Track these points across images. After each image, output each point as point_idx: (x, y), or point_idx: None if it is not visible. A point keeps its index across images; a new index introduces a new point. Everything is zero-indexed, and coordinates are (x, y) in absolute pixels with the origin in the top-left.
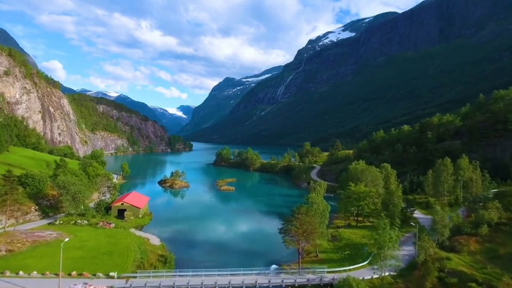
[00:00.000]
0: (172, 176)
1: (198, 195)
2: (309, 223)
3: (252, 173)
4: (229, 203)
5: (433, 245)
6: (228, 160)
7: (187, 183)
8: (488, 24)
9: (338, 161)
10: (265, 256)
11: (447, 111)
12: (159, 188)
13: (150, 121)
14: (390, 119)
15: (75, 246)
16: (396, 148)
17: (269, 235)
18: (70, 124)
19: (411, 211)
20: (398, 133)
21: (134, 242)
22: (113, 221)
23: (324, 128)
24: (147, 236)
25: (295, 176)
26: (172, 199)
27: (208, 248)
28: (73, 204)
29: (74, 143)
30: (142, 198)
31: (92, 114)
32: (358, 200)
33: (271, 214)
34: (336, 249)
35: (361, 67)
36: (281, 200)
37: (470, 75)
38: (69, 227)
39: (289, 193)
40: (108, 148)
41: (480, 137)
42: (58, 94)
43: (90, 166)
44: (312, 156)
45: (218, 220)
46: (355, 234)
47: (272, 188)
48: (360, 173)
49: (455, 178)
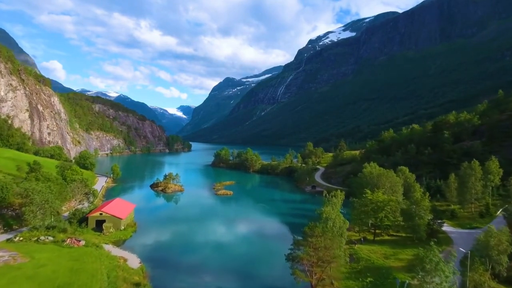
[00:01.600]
0: (165, 179)
1: (192, 200)
2: (326, 248)
3: (252, 175)
4: (226, 211)
5: (488, 276)
6: (227, 161)
7: (181, 187)
8: (490, 23)
9: (344, 163)
10: (266, 281)
11: (450, 110)
12: (151, 192)
13: (148, 121)
14: (392, 119)
15: (25, 275)
16: (409, 149)
17: (272, 253)
18: (61, 124)
19: (440, 224)
20: (410, 133)
21: (104, 267)
22: (86, 237)
23: (325, 128)
24: (125, 255)
25: (298, 179)
26: (162, 205)
27: (198, 269)
28: (39, 216)
29: (65, 143)
30: (126, 206)
31: (87, 113)
32: (376, 211)
33: (274, 226)
34: (354, 273)
35: (361, 67)
36: (284, 207)
37: (473, 74)
38: (28, 246)
39: (292, 198)
40: (103, 149)
41: (502, 137)
42: (48, 92)
43: (69, 169)
44: (315, 157)
45: (211, 233)
46: (374, 253)
47: (274, 192)
48: (377, 178)
49: (484, 184)
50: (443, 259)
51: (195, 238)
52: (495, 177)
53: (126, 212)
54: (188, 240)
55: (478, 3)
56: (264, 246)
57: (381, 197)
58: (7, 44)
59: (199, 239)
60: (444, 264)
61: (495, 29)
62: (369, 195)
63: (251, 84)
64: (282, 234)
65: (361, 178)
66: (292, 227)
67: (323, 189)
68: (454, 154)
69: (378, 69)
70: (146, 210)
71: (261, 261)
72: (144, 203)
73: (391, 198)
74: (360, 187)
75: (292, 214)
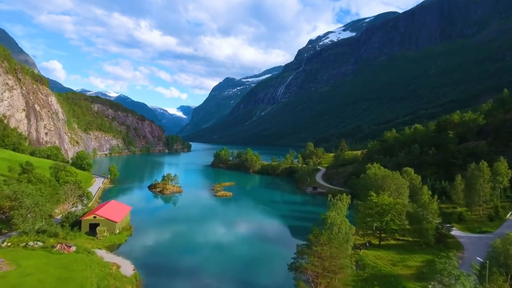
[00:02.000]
0: (163, 180)
1: (191, 202)
2: (332, 258)
3: (252, 176)
4: (225, 212)
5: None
6: (227, 162)
7: (179, 188)
8: (490, 23)
9: (345, 163)
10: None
11: (451, 110)
12: (149, 193)
13: (147, 121)
14: (392, 119)
15: (10, 284)
16: (412, 149)
17: (272, 257)
18: (59, 124)
19: (448, 228)
20: (413, 133)
21: (94, 276)
22: (78, 241)
23: (325, 128)
24: (118, 261)
25: (299, 179)
26: (160, 207)
27: (195, 276)
28: (29, 220)
29: (62, 144)
30: (121, 208)
31: (86, 113)
32: (382, 214)
33: (275, 228)
34: (360, 281)
35: (362, 67)
36: (285, 208)
37: (473, 74)
38: (16, 252)
39: (293, 200)
40: (102, 149)
41: (507, 137)
42: (45, 91)
43: (63, 171)
44: (316, 158)
45: (210, 236)
46: (381, 259)
47: (274, 194)
48: (381, 180)
49: (492, 186)
50: (462, 271)
51: (193, 241)
52: (503, 178)
53: (122, 215)
54: (186, 244)
55: (479, 3)
56: (265, 249)
57: (386, 199)
58: (7, 44)
59: (197, 243)
60: (465, 278)
61: (495, 29)
62: (374, 197)
63: (251, 84)
64: (284, 237)
65: (365, 179)
66: (294, 230)
67: (324, 190)
68: (459, 154)
69: (378, 69)
70: (143, 213)
71: (262, 265)
72: (141, 205)
73: (397, 201)
74: (364, 189)
75: (293, 216)
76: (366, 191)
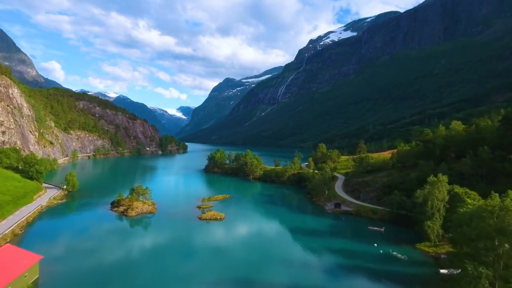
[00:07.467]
0: (130, 194)
1: (160, 233)
2: None
3: (252, 184)
4: (208, 261)
5: None
6: (223, 166)
7: (153, 206)
8: (495, 21)
9: (371, 170)
10: None
11: (461, 110)
12: (107, 214)
13: (139, 120)
14: (398, 119)
15: None
16: (480, 152)
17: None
18: (22, 121)
19: None
20: (476, 130)
21: None
22: None
23: (327, 128)
24: None
25: (313, 190)
26: (106, 244)
27: None
28: None
29: (26, 145)
30: (14, 263)
31: (67, 110)
32: None
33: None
34: None
35: (363, 66)
36: (300, 244)
37: (480, 73)
38: None
39: (310, 226)
40: (85, 150)
41: None
42: (4, 82)
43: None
44: (331, 162)
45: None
46: None
47: (282, 213)
48: (497, 218)
49: None
50: None
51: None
52: None
53: (10, 275)
54: None
55: (483, 2)
56: None
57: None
58: (4, 43)
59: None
60: None
61: (500, 28)
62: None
63: (251, 84)
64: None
65: (467, 220)
66: None
67: (351, 208)
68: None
69: (381, 69)
70: (75, 260)
71: None
72: (85, 238)
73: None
74: (468, 240)
75: (316, 257)
76: (470, 241)
